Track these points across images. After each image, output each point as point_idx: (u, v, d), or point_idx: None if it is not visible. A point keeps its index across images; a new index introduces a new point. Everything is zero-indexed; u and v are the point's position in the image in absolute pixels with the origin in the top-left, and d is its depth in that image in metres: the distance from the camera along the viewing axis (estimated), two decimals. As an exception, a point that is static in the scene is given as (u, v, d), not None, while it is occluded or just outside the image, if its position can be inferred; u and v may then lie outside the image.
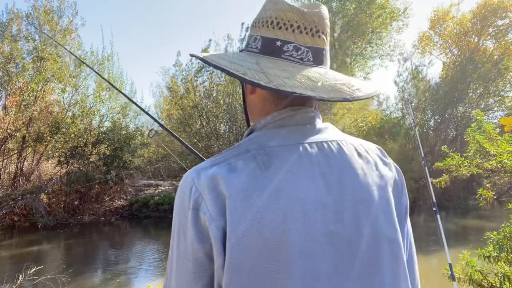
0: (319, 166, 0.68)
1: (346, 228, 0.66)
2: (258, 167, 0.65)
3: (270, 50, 0.73)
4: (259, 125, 0.75)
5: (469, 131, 3.26)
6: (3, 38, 11.66)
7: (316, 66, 0.74)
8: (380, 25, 18.69)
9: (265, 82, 0.65)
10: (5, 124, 10.97)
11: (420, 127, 17.75)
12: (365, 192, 0.69)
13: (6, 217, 10.85)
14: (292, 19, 0.72)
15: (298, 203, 0.63)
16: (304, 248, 0.62)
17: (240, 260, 0.61)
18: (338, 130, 0.80)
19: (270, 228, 0.61)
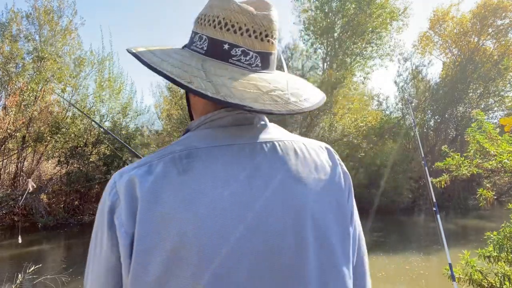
0: (246, 169, 0.64)
1: (268, 236, 0.61)
2: (176, 170, 0.62)
3: (216, 53, 0.69)
4: (194, 125, 0.73)
5: (469, 131, 3.26)
6: (3, 38, 11.66)
7: (263, 71, 0.71)
8: (380, 25, 18.69)
9: (212, 92, 0.62)
10: (5, 124, 10.97)
11: (420, 127, 17.76)
12: (295, 197, 0.65)
13: (6, 217, 10.85)
14: (241, 21, 0.68)
15: (214, 209, 0.60)
16: (215, 258, 0.58)
17: (144, 269, 0.58)
18: (281, 131, 0.74)
19: (179, 234, 0.58)
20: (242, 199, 0.62)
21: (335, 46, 19.41)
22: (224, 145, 0.66)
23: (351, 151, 15.42)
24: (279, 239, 0.62)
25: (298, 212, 0.64)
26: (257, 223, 0.61)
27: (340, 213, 0.70)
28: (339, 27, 19.39)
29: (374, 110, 18.72)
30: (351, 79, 16.91)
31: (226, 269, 0.58)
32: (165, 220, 0.59)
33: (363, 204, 15.16)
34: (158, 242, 0.58)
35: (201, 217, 0.59)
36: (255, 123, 0.72)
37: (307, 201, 0.66)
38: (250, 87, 0.65)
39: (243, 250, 0.60)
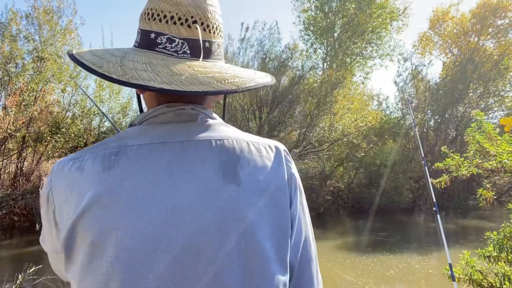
0: (171, 168, 0.63)
1: (185, 239, 0.59)
2: (102, 166, 0.63)
3: (145, 43, 0.70)
4: (136, 121, 0.72)
5: (469, 131, 3.26)
6: (3, 38, 11.66)
7: (194, 59, 0.68)
8: (380, 25, 18.70)
9: (118, 75, 0.62)
10: (5, 124, 10.97)
11: (420, 127, 17.76)
12: (223, 199, 0.62)
13: (6, 217, 10.85)
14: (166, 9, 0.68)
15: (129, 209, 0.59)
16: (117, 258, 0.58)
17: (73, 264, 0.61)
18: (228, 129, 0.71)
19: (95, 230, 0.59)
20: (162, 199, 0.60)
21: (335, 46, 19.40)
22: (155, 143, 0.65)
23: (351, 151, 15.42)
24: (198, 241, 0.60)
25: (224, 214, 0.61)
26: (174, 225, 0.60)
27: (278, 217, 0.66)
28: (339, 27, 19.39)
29: (374, 110, 18.73)
30: (351, 79, 16.92)
31: (137, 271, 0.58)
32: (83, 217, 0.60)
33: (363, 204, 15.17)
34: (69, 237, 0.61)
35: (117, 216, 0.59)
36: (198, 120, 0.70)
37: (238, 202, 0.63)
38: (162, 70, 0.63)
39: (155, 250, 0.58)
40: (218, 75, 0.66)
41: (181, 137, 0.66)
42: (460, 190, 16.05)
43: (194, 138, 0.67)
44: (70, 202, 0.62)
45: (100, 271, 0.58)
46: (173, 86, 0.61)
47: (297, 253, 0.69)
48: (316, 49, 20.14)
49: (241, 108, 14.73)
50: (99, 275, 0.58)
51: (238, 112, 14.82)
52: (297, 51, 15.39)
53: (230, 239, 0.61)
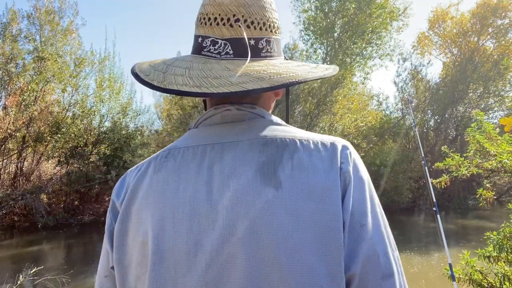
0: (210, 169, 0.63)
1: (217, 239, 0.58)
2: (153, 169, 0.67)
3: (195, 48, 0.70)
4: (192, 125, 0.73)
5: (469, 131, 3.26)
6: (4, 38, 11.66)
7: (238, 59, 0.66)
8: (380, 25, 18.70)
9: (158, 82, 0.63)
10: (5, 124, 10.97)
11: (420, 127, 17.76)
12: (258, 201, 0.58)
13: (6, 217, 10.85)
14: (209, 11, 0.67)
15: (169, 208, 0.61)
16: (160, 260, 0.59)
17: (122, 259, 0.65)
18: (271, 127, 0.67)
19: (141, 232, 0.62)
20: (199, 201, 0.61)
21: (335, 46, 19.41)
22: (199, 145, 0.66)
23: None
24: (228, 249, 0.58)
25: (259, 220, 0.58)
26: (207, 229, 0.59)
27: (324, 224, 0.58)
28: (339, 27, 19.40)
29: (374, 110, 18.73)
30: (351, 79, 16.90)
31: (166, 271, 0.60)
32: (135, 217, 0.64)
33: (363, 204, 15.13)
34: (130, 236, 0.64)
35: (160, 217, 0.61)
36: (241, 120, 0.68)
37: (275, 208, 0.58)
38: (197, 73, 0.63)
39: (187, 255, 0.59)
40: (255, 73, 0.62)
41: (224, 139, 0.66)
42: (460, 190, 16.05)
43: (237, 139, 0.65)
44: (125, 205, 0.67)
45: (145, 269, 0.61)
46: (203, 89, 0.60)
47: (355, 265, 0.58)
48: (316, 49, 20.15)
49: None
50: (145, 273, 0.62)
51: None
52: (297, 51, 15.39)
53: (262, 251, 0.56)
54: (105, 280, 0.70)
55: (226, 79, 0.61)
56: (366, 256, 0.59)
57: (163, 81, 0.63)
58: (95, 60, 13.82)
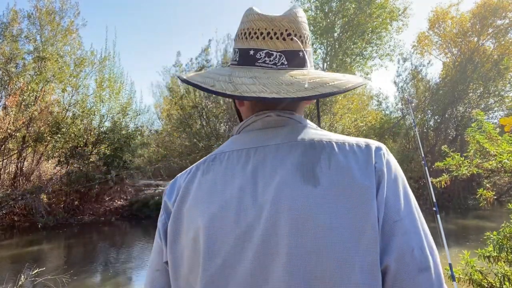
0: (254, 170, 0.69)
1: (256, 241, 0.63)
2: (202, 171, 0.74)
3: (245, 60, 0.76)
4: (234, 131, 0.82)
5: (469, 131, 3.26)
6: (4, 38, 11.66)
7: (292, 69, 0.73)
8: (380, 25, 18.70)
9: (230, 91, 0.68)
10: (5, 124, 10.97)
11: (420, 127, 17.76)
12: (298, 201, 0.63)
13: (6, 217, 10.85)
14: (262, 27, 0.74)
15: (216, 208, 0.67)
16: (211, 253, 0.65)
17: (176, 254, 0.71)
18: (308, 131, 0.74)
19: (193, 228, 0.68)
20: (245, 201, 0.66)
21: (335, 46, 19.40)
22: (243, 148, 0.73)
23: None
24: (271, 244, 0.63)
25: (299, 217, 0.62)
26: (254, 224, 0.64)
27: (361, 220, 0.62)
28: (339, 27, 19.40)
29: (374, 110, 18.73)
30: None
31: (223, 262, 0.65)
32: (186, 216, 0.71)
33: (363, 204, 15.12)
34: (182, 233, 0.70)
35: (210, 214, 0.67)
36: (281, 125, 0.75)
37: (313, 205, 0.63)
38: (269, 82, 0.69)
39: (238, 251, 0.64)
40: (318, 79, 0.70)
41: (266, 142, 0.72)
42: (460, 190, 16.04)
43: (278, 142, 0.72)
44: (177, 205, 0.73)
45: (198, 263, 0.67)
46: (282, 94, 0.66)
47: (389, 259, 0.62)
48: (316, 49, 20.15)
49: (241, 108, 14.73)
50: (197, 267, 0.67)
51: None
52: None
53: (303, 242, 0.61)
54: (157, 274, 0.76)
55: (298, 86, 0.68)
56: (400, 250, 0.62)
57: (236, 90, 0.68)
58: (95, 60, 13.82)
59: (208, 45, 14.92)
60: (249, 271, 0.63)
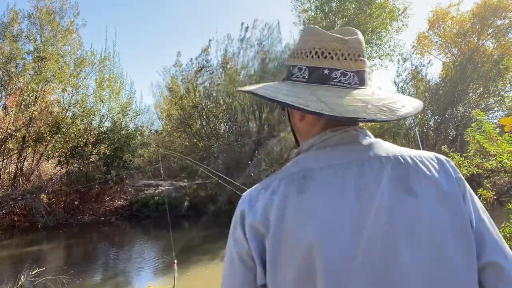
0: (354, 185, 0.71)
1: (378, 249, 0.67)
2: (295, 190, 0.72)
3: (318, 79, 0.78)
4: (304, 148, 0.82)
5: (469, 131, 3.26)
6: (4, 38, 11.66)
7: (361, 87, 0.79)
8: (379, 25, 18.70)
9: (327, 111, 0.71)
10: (5, 124, 10.98)
11: (420, 127, 17.75)
12: (406, 211, 0.69)
13: (6, 217, 10.85)
14: (336, 48, 0.78)
15: (331, 221, 0.68)
16: (332, 267, 0.66)
17: (281, 275, 0.68)
18: (387, 146, 0.80)
19: (306, 245, 0.67)
20: (354, 216, 0.68)
21: (335, 46, 19.37)
22: (332, 164, 0.74)
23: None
24: (393, 254, 0.67)
25: (412, 227, 0.68)
26: (370, 239, 0.67)
27: (459, 222, 0.70)
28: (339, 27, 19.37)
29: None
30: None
31: (340, 279, 0.65)
32: (290, 235, 0.69)
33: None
34: (287, 254, 0.68)
35: (319, 232, 0.67)
36: (360, 141, 0.79)
37: (419, 213, 0.69)
38: (357, 102, 0.74)
39: (357, 263, 0.66)
40: (393, 100, 0.78)
41: (353, 157, 0.75)
42: (460, 190, 16.04)
43: (365, 157, 0.75)
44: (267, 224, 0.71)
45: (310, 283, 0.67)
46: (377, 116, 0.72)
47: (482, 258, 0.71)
48: (316, 49, 20.13)
49: (241, 108, 14.72)
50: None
51: (238, 112, 14.81)
52: (297, 51, 15.38)
53: (420, 250, 0.67)
54: None
55: (390, 111, 0.74)
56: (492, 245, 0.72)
57: (334, 110, 0.71)
58: (95, 60, 13.82)
59: (208, 45, 14.92)
60: (369, 281, 0.66)
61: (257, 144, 14.44)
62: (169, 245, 9.51)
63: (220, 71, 15.03)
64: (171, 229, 4.52)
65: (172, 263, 4.19)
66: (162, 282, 6.36)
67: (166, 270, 7.31)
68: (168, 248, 9.27)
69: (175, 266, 3.97)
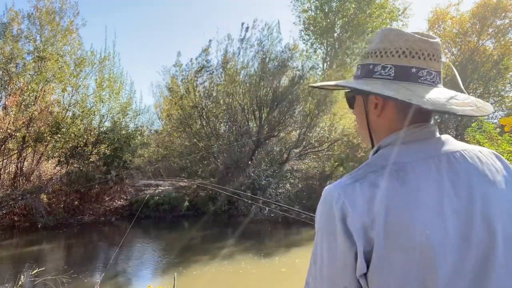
0: (448, 177, 0.77)
1: (478, 231, 0.74)
2: (397, 182, 0.75)
3: (405, 76, 0.84)
4: (385, 143, 0.86)
5: (469, 131, 3.26)
6: (4, 38, 11.66)
7: (441, 87, 0.86)
8: (379, 25, 18.69)
9: (431, 105, 0.76)
10: (5, 124, 10.98)
11: (420, 127, 17.74)
12: (493, 196, 0.77)
13: (6, 217, 10.85)
14: (423, 48, 0.84)
15: (436, 211, 0.73)
16: (445, 249, 0.71)
17: (391, 264, 0.71)
18: (456, 141, 0.87)
19: (417, 234, 0.71)
20: (453, 202, 0.75)
21: (335, 46, 19.40)
22: (423, 157, 0.79)
23: (351, 151, 15.42)
24: (487, 234, 0.74)
25: (498, 209, 0.77)
26: (467, 221, 0.74)
27: None
28: (339, 27, 19.40)
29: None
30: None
31: (454, 258, 0.71)
32: (403, 226, 0.72)
33: (363, 204, 15.11)
34: (402, 243, 0.71)
35: (429, 220, 0.72)
36: (438, 136, 0.86)
37: (502, 200, 0.78)
38: (449, 99, 0.80)
39: (463, 244, 0.73)
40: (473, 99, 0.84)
41: (439, 151, 0.82)
42: (460, 190, 16.06)
43: (449, 151, 0.82)
44: (372, 217, 0.73)
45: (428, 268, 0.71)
46: (468, 112, 0.79)
47: None
48: (316, 49, 20.14)
49: (241, 108, 14.72)
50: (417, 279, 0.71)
51: (238, 112, 14.81)
52: (297, 51, 15.39)
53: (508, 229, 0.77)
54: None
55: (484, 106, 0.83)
56: None
57: (445, 105, 0.77)
58: (95, 60, 13.82)
59: (208, 45, 14.92)
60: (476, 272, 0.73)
61: (257, 144, 14.44)
62: (169, 245, 9.51)
63: (220, 71, 15.03)
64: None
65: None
66: (162, 282, 6.37)
67: (166, 270, 7.31)
68: (168, 248, 9.28)
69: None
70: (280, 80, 14.68)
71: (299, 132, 14.92)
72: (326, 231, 0.77)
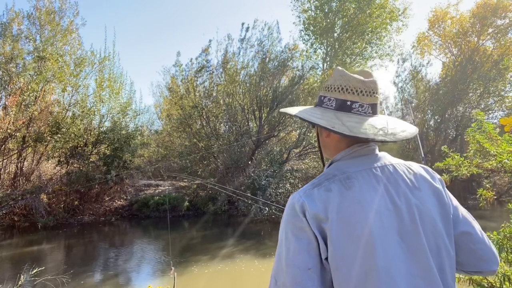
0: (383, 183, 1.00)
1: (406, 223, 0.95)
2: (344, 187, 0.98)
3: (342, 107, 1.08)
4: (337, 158, 1.10)
5: (469, 131, 3.25)
6: (4, 38, 11.65)
7: (374, 116, 1.08)
8: (379, 25, 18.70)
9: (348, 132, 0.98)
10: (5, 124, 10.98)
11: (420, 127, 17.75)
12: (417, 197, 1.00)
13: (6, 217, 10.85)
14: (357, 86, 1.07)
15: (374, 209, 0.94)
16: (382, 239, 0.91)
17: (343, 250, 0.90)
18: (390, 156, 1.12)
19: (359, 228, 0.92)
20: (387, 202, 0.97)
21: (335, 46, 19.40)
22: (364, 168, 1.03)
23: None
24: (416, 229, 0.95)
25: (424, 211, 0.99)
26: (398, 218, 0.95)
27: (442, 206, 1.03)
28: (339, 27, 19.39)
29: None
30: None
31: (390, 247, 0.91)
32: (349, 221, 0.92)
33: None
34: (348, 234, 0.91)
35: (370, 216, 0.93)
36: (377, 152, 1.10)
37: (425, 202, 1.00)
38: (369, 127, 1.02)
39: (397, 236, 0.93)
40: (396, 125, 1.08)
41: (377, 164, 1.05)
42: (460, 190, 16.04)
43: (383, 164, 1.06)
44: (326, 213, 0.94)
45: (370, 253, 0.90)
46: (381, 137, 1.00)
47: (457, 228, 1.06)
48: (316, 49, 20.14)
49: (241, 108, 14.72)
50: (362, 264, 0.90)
51: (238, 112, 14.81)
52: (297, 51, 15.38)
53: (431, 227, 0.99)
54: (309, 272, 0.91)
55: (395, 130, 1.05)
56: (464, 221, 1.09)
57: (352, 132, 0.99)
58: (95, 60, 13.82)
59: (208, 45, 14.93)
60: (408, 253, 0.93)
61: (257, 144, 14.44)
62: (168, 245, 9.50)
63: (220, 71, 15.03)
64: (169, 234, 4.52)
65: (170, 269, 4.20)
66: (162, 282, 6.37)
67: (166, 270, 7.31)
68: (168, 248, 9.27)
69: (174, 272, 3.97)
70: (280, 80, 14.68)
71: (299, 132, 14.92)
72: (292, 224, 0.96)
